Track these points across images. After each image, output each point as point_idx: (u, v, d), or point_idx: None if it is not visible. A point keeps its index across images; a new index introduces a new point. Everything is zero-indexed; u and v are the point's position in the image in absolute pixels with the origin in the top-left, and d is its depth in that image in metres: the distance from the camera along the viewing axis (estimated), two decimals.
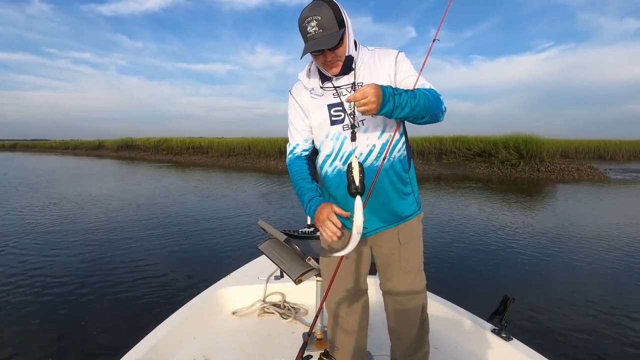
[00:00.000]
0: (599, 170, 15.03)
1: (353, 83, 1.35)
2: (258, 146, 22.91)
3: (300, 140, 1.46)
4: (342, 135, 1.35)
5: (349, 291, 1.48)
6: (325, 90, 1.38)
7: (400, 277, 1.45)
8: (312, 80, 1.40)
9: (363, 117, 1.33)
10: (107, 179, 14.66)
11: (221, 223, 6.61)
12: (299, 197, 1.40)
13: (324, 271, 1.55)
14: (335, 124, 1.36)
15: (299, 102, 1.43)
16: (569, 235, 5.82)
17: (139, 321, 3.03)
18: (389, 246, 1.44)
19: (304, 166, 1.45)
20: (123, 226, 6.35)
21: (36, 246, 5.18)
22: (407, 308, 1.48)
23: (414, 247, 1.46)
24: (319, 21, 1.20)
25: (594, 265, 4.48)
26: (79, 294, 3.60)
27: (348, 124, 1.34)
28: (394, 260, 1.44)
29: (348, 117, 1.34)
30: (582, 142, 21.06)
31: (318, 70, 1.39)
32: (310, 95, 1.40)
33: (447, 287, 3.71)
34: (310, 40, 1.22)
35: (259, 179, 13.98)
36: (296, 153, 1.47)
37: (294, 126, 1.46)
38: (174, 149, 28.98)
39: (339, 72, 1.33)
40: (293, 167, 1.46)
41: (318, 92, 1.39)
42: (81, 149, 45.58)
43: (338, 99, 1.36)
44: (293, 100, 1.45)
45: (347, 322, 1.51)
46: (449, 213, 7.45)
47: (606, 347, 2.74)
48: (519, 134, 16.21)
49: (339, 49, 1.27)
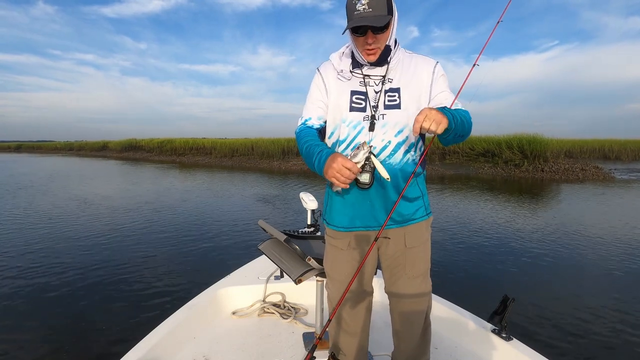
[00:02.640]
0: (603, 170, 14.91)
1: (383, 77, 1.34)
2: (261, 147, 22.96)
3: (314, 115, 1.42)
4: (361, 125, 1.33)
5: (354, 292, 1.45)
6: (353, 76, 1.36)
7: (405, 281, 1.42)
8: (343, 62, 1.38)
9: (385, 111, 1.32)
10: (112, 179, 14.71)
11: (222, 223, 6.62)
12: (307, 151, 1.33)
13: (327, 270, 1.51)
14: (354, 110, 1.34)
15: (324, 80, 1.40)
16: (571, 235, 5.78)
17: (139, 321, 3.03)
18: (395, 249, 1.40)
19: (315, 133, 1.40)
20: (123, 226, 6.37)
21: (36, 247, 5.19)
22: (411, 311, 1.44)
23: (421, 252, 1.42)
24: (370, 0, 1.18)
25: (595, 266, 4.45)
26: (78, 293, 3.61)
27: (368, 115, 1.32)
28: (399, 263, 1.41)
29: (370, 109, 1.32)
30: (586, 141, 20.94)
31: (351, 55, 1.37)
32: (337, 76, 1.38)
33: (447, 287, 3.72)
34: (356, 18, 1.20)
35: (261, 180, 14.00)
36: (308, 124, 1.42)
37: (312, 101, 1.43)
38: (177, 149, 29.08)
39: (376, 60, 1.31)
40: (303, 132, 1.41)
41: (346, 75, 1.36)
42: (85, 150, 45.85)
43: (364, 87, 1.34)
44: (319, 76, 1.42)
45: (350, 323, 1.48)
46: (451, 213, 7.42)
47: (606, 348, 2.72)
48: (522, 134, 16.16)
49: (382, 35, 1.25)
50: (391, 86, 1.34)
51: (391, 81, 1.34)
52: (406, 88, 1.33)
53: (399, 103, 1.32)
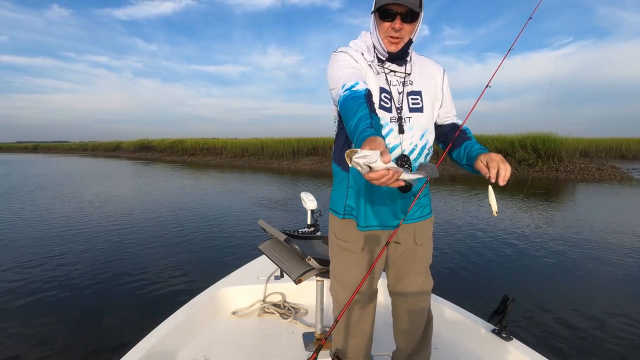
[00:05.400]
0: (621, 170, 14.56)
1: (406, 75, 1.32)
2: (271, 147, 23.07)
3: (359, 79, 1.18)
4: (389, 127, 1.27)
5: (363, 294, 1.42)
6: (381, 71, 1.29)
7: (412, 277, 1.43)
8: (368, 55, 1.29)
9: (410, 114, 1.30)
10: (124, 180, 14.97)
11: (222, 223, 6.63)
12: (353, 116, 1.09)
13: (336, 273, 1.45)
14: (383, 110, 1.26)
15: (356, 59, 1.26)
16: (577, 234, 5.68)
17: (139, 321, 3.02)
18: (405, 246, 1.41)
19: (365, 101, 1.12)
20: (124, 226, 6.39)
21: (35, 247, 5.24)
22: (415, 309, 1.46)
23: (427, 249, 1.46)
24: None
25: (597, 266, 4.37)
26: (78, 293, 3.60)
27: (396, 117, 1.28)
28: (407, 260, 1.42)
29: (396, 110, 1.29)
30: (602, 140, 20.48)
31: (374, 49, 1.30)
32: (369, 64, 1.28)
33: (447, 287, 3.70)
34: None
35: (270, 180, 14.05)
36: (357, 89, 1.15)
37: (348, 68, 1.22)
38: (188, 150, 29.44)
39: (397, 52, 1.26)
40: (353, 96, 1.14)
41: (376, 67, 1.28)
42: (99, 150, 46.77)
43: (388, 86, 1.29)
44: (347, 55, 1.26)
45: (358, 326, 1.46)
46: (456, 212, 7.36)
47: (607, 348, 2.69)
48: (536, 133, 15.86)
49: (410, 25, 1.21)
50: (412, 89, 1.33)
51: (412, 83, 1.33)
52: (426, 92, 1.34)
53: (422, 107, 1.33)
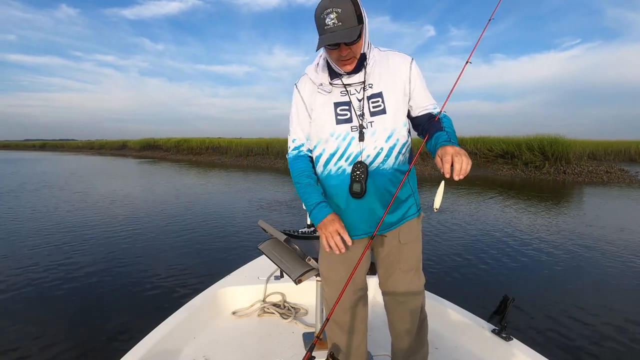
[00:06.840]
0: (629, 173, 14.37)
1: (363, 82, 1.32)
2: (276, 147, 23.10)
3: (304, 139, 1.41)
4: (350, 136, 1.31)
5: (349, 291, 1.46)
6: (334, 87, 1.34)
7: (399, 276, 1.45)
8: (320, 76, 1.36)
9: (372, 119, 1.31)
10: (130, 179, 15.07)
11: (223, 223, 6.62)
12: (303, 195, 1.38)
13: (323, 272, 1.52)
14: (341, 123, 1.32)
15: (302, 97, 1.39)
16: (580, 236, 5.64)
17: (138, 321, 3.01)
18: (390, 245, 1.42)
19: (309, 165, 1.41)
20: (126, 226, 6.39)
21: (34, 247, 5.26)
22: (406, 307, 1.47)
23: (413, 247, 1.45)
24: (338, 14, 1.16)
25: (598, 267, 4.33)
26: (78, 292, 3.59)
27: (357, 125, 1.31)
28: (393, 260, 1.44)
29: (357, 118, 1.31)
30: (611, 143, 20.24)
31: (328, 66, 1.35)
32: (318, 90, 1.36)
33: (447, 287, 3.70)
34: (327, 33, 1.18)
35: (275, 180, 14.06)
36: (301, 151, 1.43)
37: (298, 122, 1.41)
38: (194, 149, 29.60)
39: (353, 69, 1.29)
40: (297, 163, 1.42)
41: (327, 88, 1.35)
42: (106, 149, 47.20)
43: (346, 97, 1.32)
44: (299, 94, 1.40)
45: (347, 322, 1.49)
46: (459, 214, 7.29)
47: (607, 348, 2.67)
48: (543, 135, 15.73)
49: (356, 45, 1.23)
50: (372, 92, 1.32)
51: (372, 86, 1.32)
52: (388, 91, 1.32)
53: (384, 108, 1.31)
